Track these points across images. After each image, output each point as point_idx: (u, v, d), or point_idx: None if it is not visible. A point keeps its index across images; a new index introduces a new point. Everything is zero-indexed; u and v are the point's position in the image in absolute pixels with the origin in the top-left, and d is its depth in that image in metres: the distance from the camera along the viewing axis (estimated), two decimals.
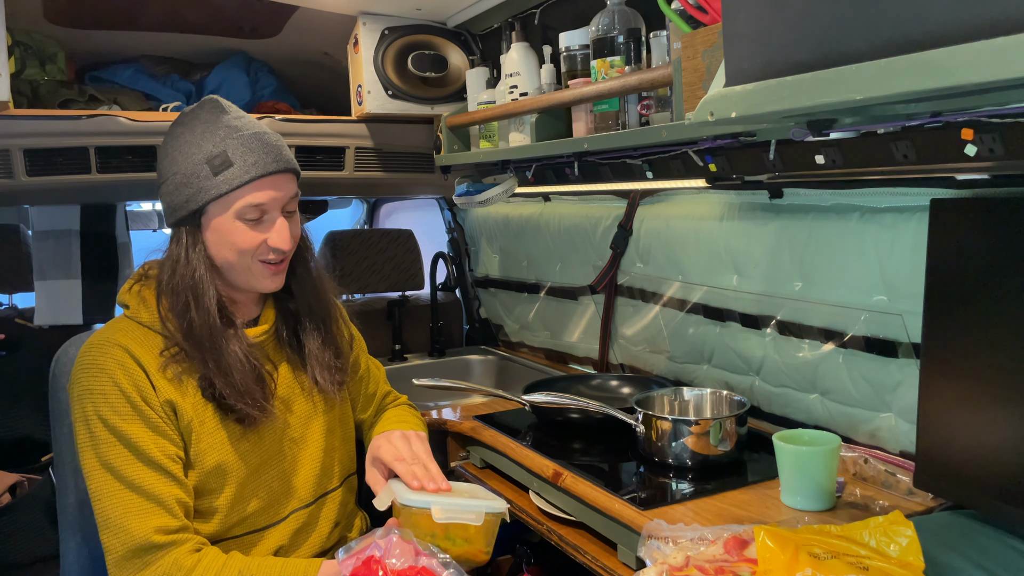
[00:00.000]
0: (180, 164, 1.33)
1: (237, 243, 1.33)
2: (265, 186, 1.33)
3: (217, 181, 1.31)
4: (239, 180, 1.31)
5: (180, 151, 1.34)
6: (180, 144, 1.35)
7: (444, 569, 1.14)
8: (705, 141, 1.42)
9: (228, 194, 1.31)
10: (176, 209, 1.34)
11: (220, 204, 1.32)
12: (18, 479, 2.36)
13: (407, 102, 2.22)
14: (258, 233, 1.34)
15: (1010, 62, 0.62)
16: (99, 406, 1.27)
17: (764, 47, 0.87)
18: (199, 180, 1.31)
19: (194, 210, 1.32)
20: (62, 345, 1.60)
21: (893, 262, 1.40)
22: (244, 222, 1.33)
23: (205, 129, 1.34)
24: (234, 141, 1.32)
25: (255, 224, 1.34)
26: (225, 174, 1.31)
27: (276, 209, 1.36)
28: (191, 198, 1.32)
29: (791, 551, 0.98)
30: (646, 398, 1.68)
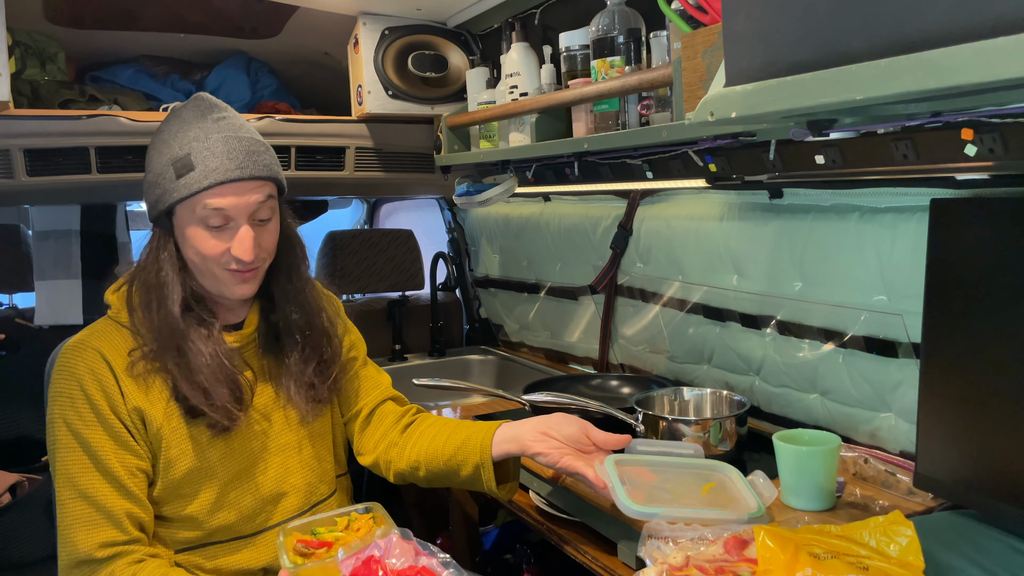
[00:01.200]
0: (153, 163, 1.33)
1: (200, 249, 1.30)
2: (227, 192, 1.28)
3: (179, 184, 1.28)
4: (197, 185, 1.27)
5: (156, 149, 1.34)
6: (157, 143, 1.34)
7: (444, 569, 1.14)
8: (705, 141, 1.42)
9: (189, 198, 1.28)
10: (150, 208, 1.34)
11: (185, 207, 1.29)
12: (18, 479, 2.36)
13: (407, 102, 2.22)
14: (221, 241, 1.30)
15: (1010, 62, 0.62)
16: (65, 410, 1.27)
17: (764, 47, 0.87)
18: (165, 181, 1.29)
19: (163, 210, 1.31)
20: (57, 346, 1.60)
21: (893, 262, 1.40)
22: (206, 228, 1.29)
23: (179, 129, 1.32)
24: (199, 144, 1.29)
25: (218, 231, 1.30)
26: (186, 178, 1.28)
27: (242, 216, 1.30)
28: (159, 199, 1.31)
29: (791, 551, 0.98)
30: (646, 398, 1.68)
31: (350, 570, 1.13)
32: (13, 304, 2.80)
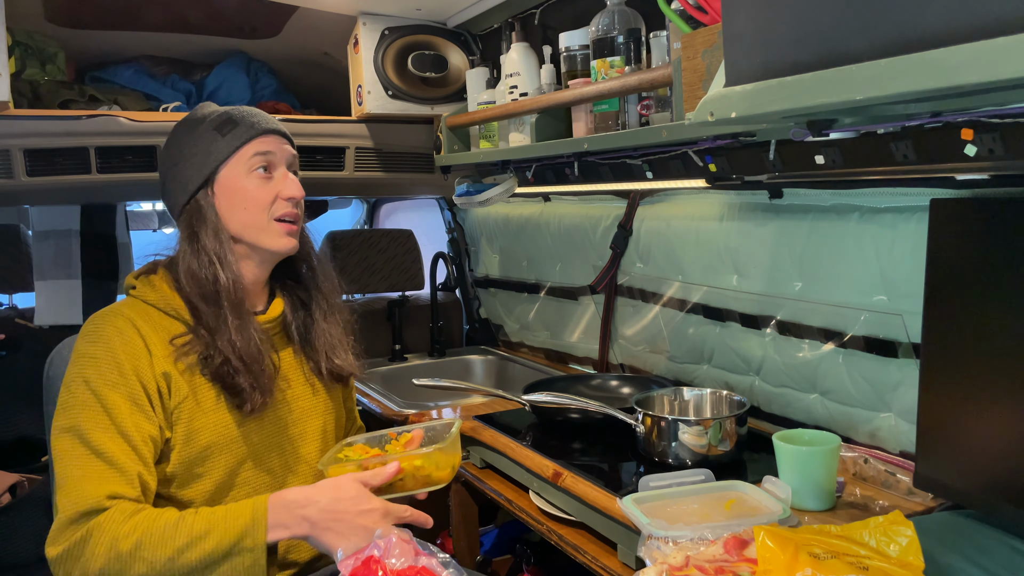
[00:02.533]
0: (186, 143, 1.42)
1: (252, 198, 1.40)
2: (268, 141, 1.42)
3: (227, 140, 1.40)
4: (246, 135, 1.40)
5: (186, 133, 1.43)
6: (183, 130, 1.44)
7: (444, 569, 1.14)
8: (705, 141, 1.42)
9: (238, 149, 1.39)
10: (188, 182, 1.40)
11: (231, 163, 1.39)
12: (18, 479, 2.36)
13: (407, 102, 2.22)
14: (269, 189, 1.41)
15: (1010, 62, 0.62)
16: (86, 368, 1.28)
17: (764, 47, 0.87)
18: (208, 145, 1.40)
19: (207, 176, 1.39)
20: (56, 346, 1.60)
21: (893, 262, 1.40)
22: (256, 176, 1.40)
23: (205, 114, 1.44)
24: (233, 110, 1.44)
25: (266, 179, 1.41)
26: (232, 133, 1.40)
27: (283, 164, 1.44)
28: (204, 164, 1.39)
29: (791, 551, 0.98)
30: (646, 398, 1.68)
31: (350, 570, 1.13)
32: (13, 304, 2.80)
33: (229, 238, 1.39)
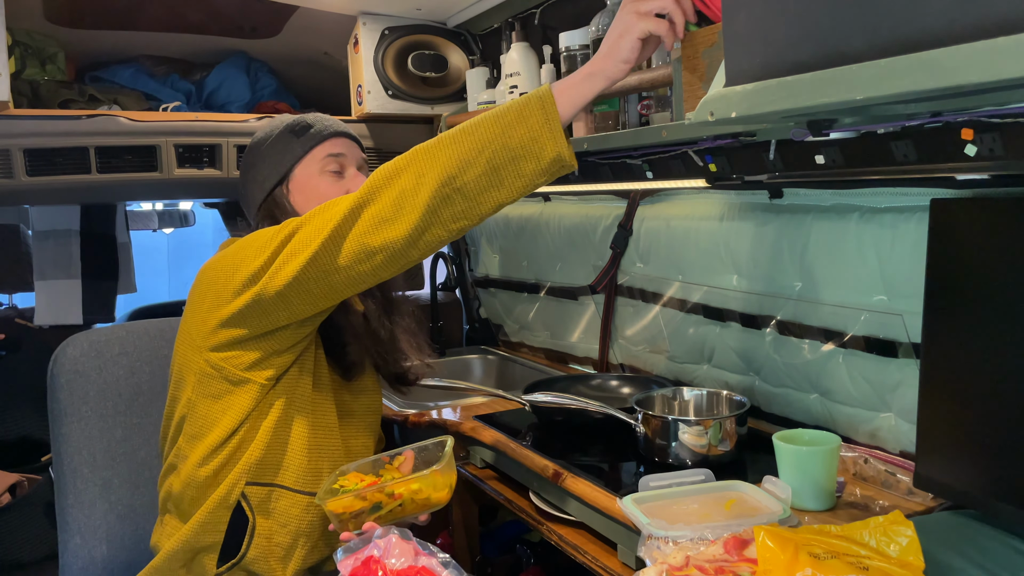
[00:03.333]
0: (263, 146, 1.54)
1: (324, 194, 1.51)
2: (339, 143, 1.55)
3: (301, 141, 1.52)
4: (319, 136, 1.54)
5: (263, 137, 1.56)
6: (261, 136, 1.57)
7: (444, 569, 1.14)
8: (705, 141, 1.41)
9: (311, 149, 1.52)
10: (264, 181, 1.52)
11: (305, 162, 1.52)
12: (18, 479, 2.36)
13: (407, 102, 2.22)
14: (340, 187, 1.52)
15: (1010, 62, 0.62)
16: None
17: (764, 47, 0.87)
18: (284, 146, 1.52)
19: (283, 174, 1.51)
20: (60, 345, 1.60)
21: (893, 262, 1.40)
22: (328, 175, 1.52)
23: (283, 119, 1.58)
24: (308, 115, 1.58)
25: (337, 177, 1.53)
26: (306, 134, 1.53)
27: (353, 164, 1.56)
28: (279, 163, 1.51)
29: (791, 551, 0.98)
30: (646, 398, 1.67)
31: (349, 570, 1.13)
32: (13, 304, 2.80)
33: None
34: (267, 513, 1.43)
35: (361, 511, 1.26)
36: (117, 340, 1.70)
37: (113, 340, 1.69)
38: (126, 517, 1.67)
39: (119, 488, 1.67)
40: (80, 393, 1.64)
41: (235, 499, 1.41)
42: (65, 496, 1.61)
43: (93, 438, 1.65)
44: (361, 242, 1.21)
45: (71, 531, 1.61)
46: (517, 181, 1.17)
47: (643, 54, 1.19)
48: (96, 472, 1.64)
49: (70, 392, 1.63)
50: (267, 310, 1.32)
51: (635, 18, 1.16)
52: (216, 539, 1.41)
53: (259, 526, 1.42)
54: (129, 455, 1.68)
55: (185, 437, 1.43)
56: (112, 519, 1.66)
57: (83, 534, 1.61)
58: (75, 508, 1.61)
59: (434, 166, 1.17)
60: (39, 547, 2.18)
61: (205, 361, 1.39)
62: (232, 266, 1.34)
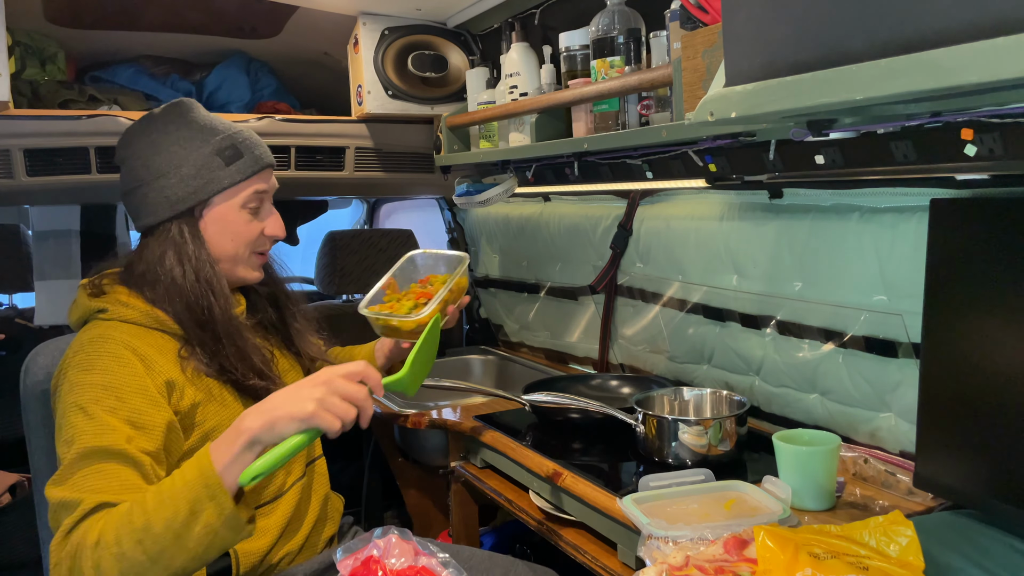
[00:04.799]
0: (184, 157, 1.38)
1: (240, 232, 1.42)
2: (266, 176, 1.45)
3: (230, 171, 1.40)
4: (250, 169, 1.41)
5: (181, 145, 1.39)
6: (177, 139, 1.39)
7: (444, 569, 1.14)
8: (705, 141, 1.42)
9: (238, 184, 1.40)
10: (177, 202, 1.38)
11: (228, 194, 1.40)
12: (18, 479, 2.36)
13: (407, 102, 2.22)
14: (256, 224, 1.44)
15: (1010, 62, 0.62)
16: (81, 396, 1.22)
17: (764, 47, 0.87)
18: (210, 171, 1.38)
19: (201, 200, 1.38)
20: (29, 354, 1.57)
21: (893, 262, 1.40)
22: (247, 211, 1.42)
23: (203, 125, 1.41)
24: (238, 136, 1.43)
25: (254, 215, 1.44)
26: (237, 164, 1.40)
27: (269, 200, 1.47)
28: (199, 189, 1.38)
29: (791, 551, 0.98)
30: (646, 398, 1.67)
31: (349, 571, 1.13)
32: (13, 304, 2.80)
33: (215, 260, 1.39)
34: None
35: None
36: None
37: None
38: None
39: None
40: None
41: None
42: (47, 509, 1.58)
43: None
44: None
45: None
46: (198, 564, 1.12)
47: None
48: None
49: (44, 402, 1.53)
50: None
51: (315, 405, 1.11)
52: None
53: (240, 549, 1.37)
54: None
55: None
56: None
57: None
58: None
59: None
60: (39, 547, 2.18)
61: None
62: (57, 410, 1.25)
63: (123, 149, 1.43)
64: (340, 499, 1.66)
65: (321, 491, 1.55)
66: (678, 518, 1.19)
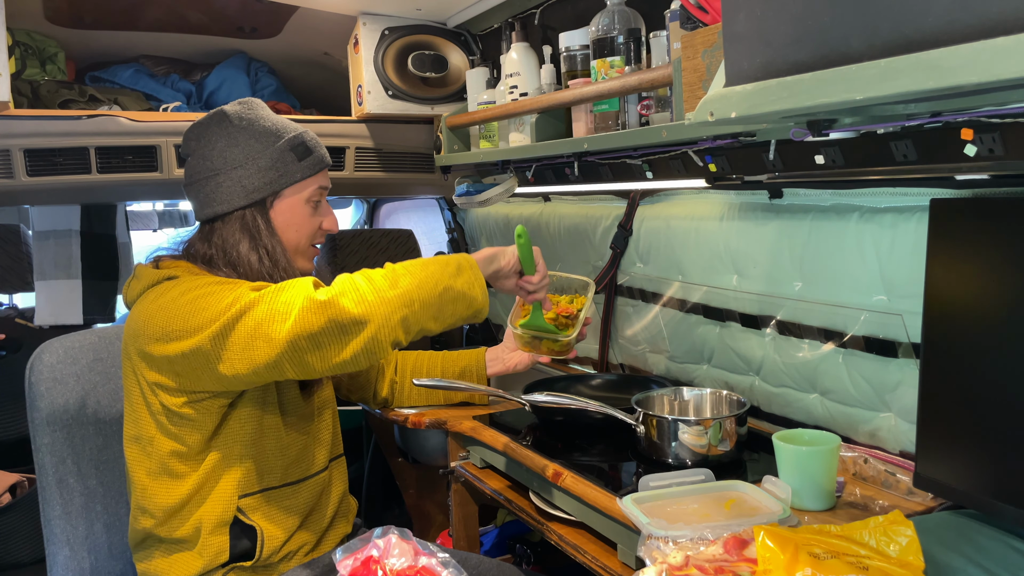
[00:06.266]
0: (261, 151, 1.47)
1: (302, 225, 1.51)
2: (326, 175, 1.56)
3: (301, 166, 1.49)
4: (320, 165, 1.53)
5: (257, 139, 1.47)
6: (254, 133, 1.47)
7: (444, 569, 1.14)
8: (705, 141, 1.42)
9: (307, 178, 1.51)
10: (253, 191, 1.46)
11: (297, 187, 1.50)
12: (18, 479, 2.36)
13: (407, 102, 2.22)
14: (317, 218, 1.54)
15: (1010, 62, 0.62)
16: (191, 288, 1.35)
17: (764, 47, 0.87)
18: (285, 164, 1.48)
19: (274, 191, 1.47)
20: (34, 352, 1.58)
21: (893, 262, 1.40)
22: (311, 206, 1.52)
23: (275, 122, 1.51)
24: (307, 135, 1.53)
25: (315, 209, 1.53)
26: (309, 159, 1.51)
27: (325, 197, 1.58)
28: (275, 180, 1.47)
29: (791, 551, 0.98)
30: (646, 398, 1.67)
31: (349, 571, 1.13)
32: (13, 304, 2.80)
33: (281, 249, 1.48)
34: (267, 515, 1.45)
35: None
36: (91, 346, 1.66)
37: (87, 346, 1.66)
38: (113, 527, 1.65)
39: (105, 497, 1.64)
40: (60, 401, 1.60)
41: (231, 516, 1.43)
42: (52, 507, 1.58)
43: (76, 446, 1.61)
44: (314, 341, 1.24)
45: (59, 543, 1.58)
46: (450, 319, 1.36)
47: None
48: (81, 481, 1.61)
49: (50, 401, 1.59)
50: (200, 376, 1.34)
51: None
52: (224, 558, 1.43)
53: (265, 529, 1.44)
54: (112, 462, 1.65)
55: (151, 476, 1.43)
56: (99, 529, 1.63)
57: (72, 545, 1.59)
58: (62, 519, 1.58)
59: (398, 298, 1.28)
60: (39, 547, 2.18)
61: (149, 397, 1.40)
62: (178, 316, 1.32)
63: (194, 141, 1.50)
64: (355, 501, 1.69)
65: (340, 487, 1.63)
66: (678, 518, 1.19)
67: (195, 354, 1.29)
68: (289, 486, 1.50)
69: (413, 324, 1.29)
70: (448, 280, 1.33)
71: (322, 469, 1.57)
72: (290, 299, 1.25)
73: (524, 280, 1.52)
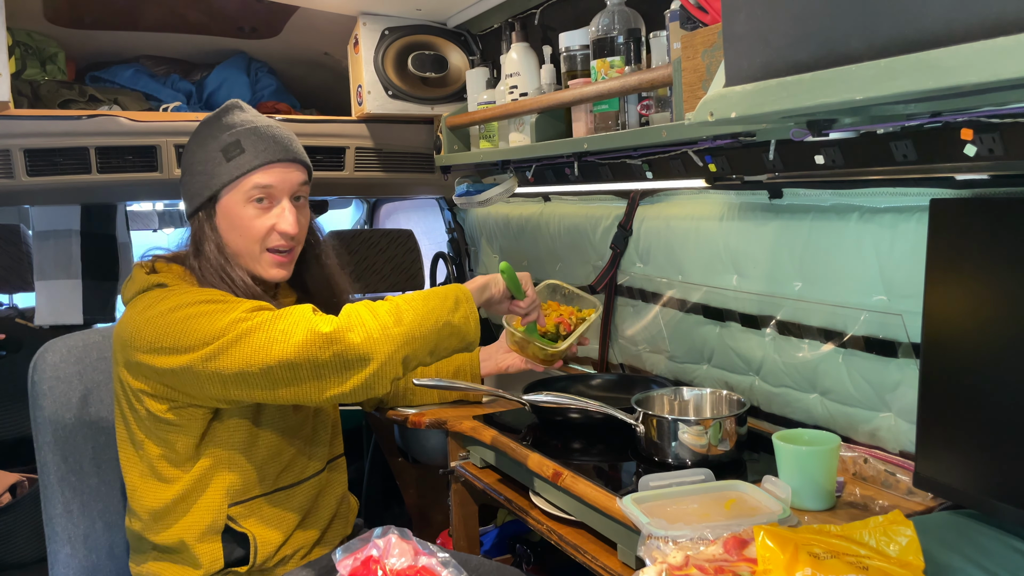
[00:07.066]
0: (198, 155, 1.46)
1: (248, 227, 1.44)
2: (274, 172, 1.45)
3: (229, 167, 1.43)
4: (249, 165, 1.43)
5: (199, 145, 1.47)
6: (200, 139, 1.48)
7: (444, 568, 1.14)
8: (705, 141, 1.41)
9: (239, 179, 1.43)
10: (194, 196, 1.46)
11: (231, 188, 1.44)
12: (18, 479, 2.36)
13: (407, 102, 2.22)
14: (265, 220, 1.45)
15: (1010, 62, 0.62)
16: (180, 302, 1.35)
17: (764, 47, 0.87)
18: (213, 167, 1.44)
19: (209, 196, 1.44)
20: (37, 352, 1.59)
21: (893, 262, 1.40)
22: (253, 206, 1.44)
23: (223, 125, 1.47)
24: (247, 131, 1.45)
25: (264, 209, 1.45)
26: (237, 160, 1.44)
27: (284, 195, 1.47)
28: (206, 184, 1.45)
29: (791, 551, 0.98)
30: (646, 398, 1.67)
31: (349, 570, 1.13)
32: (13, 304, 2.80)
33: (232, 254, 1.46)
34: (260, 521, 1.46)
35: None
36: (94, 345, 1.66)
37: (90, 345, 1.66)
38: (113, 525, 1.65)
39: (105, 496, 1.64)
40: (63, 400, 1.60)
41: (222, 524, 1.43)
42: (53, 506, 1.58)
43: (77, 445, 1.61)
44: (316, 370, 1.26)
45: (60, 541, 1.59)
46: (444, 353, 1.39)
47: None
48: (83, 480, 1.61)
49: (53, 399, 1.59)
50: (188, 391, 1.34)
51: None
52: (219, 566, 1.43)
53: (259, 535, 1.44)
54: (113, 461, 1.64)
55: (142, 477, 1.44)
56: (100, 528, 1.63)
57: (72, 544, 1.59)
58: (63, 517, 1.58)
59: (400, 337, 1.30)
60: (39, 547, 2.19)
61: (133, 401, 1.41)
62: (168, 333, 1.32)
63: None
64: (355, 501, 1.68)
65: (339, 489, 1.61)
66: (678, 518, 1.19)
67: (185, 372, 1.30)
68: (282, 491, 1.49)
69: (413, 360, 1.32)
70: (447, 316, 1.35)
71: (319, 471, 1.57)
72: (288, 328, 1.25)
73: (515, 304, 1.55)
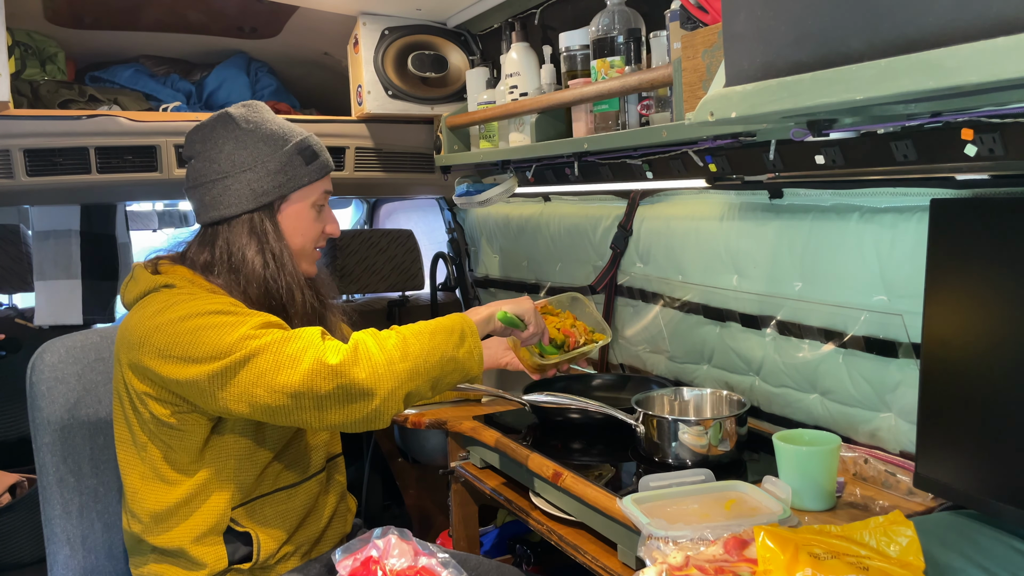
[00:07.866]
0: (269, 154, 1.46)
1: (308, 229, 1.50)
2: (330, 180, 1.56)
3: (309, 170, 1.49)
4: (326, 169, 1.52)
5: (264, 142, 1.46)
6: (262, 136, 1.46)
7: (444, 569, 1.14)
8: (705, 141, 1.42)
9: (314, 183, 1.50)
10: (262, 195, 1.45)
11: (304, 191, 1.49)
12: (18, 479, 2.36)
13: (407, 102, 2.22)
14: (320, 222, 1.53)
15: (1010, 62, 0.62)
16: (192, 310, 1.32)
17: (764, 47, 0.87)
18: (294, 168, 1.47)
19: (282, 195, 1.47)
20: (36, 352, 1.58)
21: (893, 262, 1.40)
22: (315, 210, 1.51)
23: (282, 125, 1.51)
24: (312, 138, 1.52)
25: (319, 213, 1.53)
26: (315, 164, 1.50)
27: (328, 201, 1.56)
28: (283, 184, 1.46)
29: (791, 551, 0.98)
30: (646, 398, 1.67)
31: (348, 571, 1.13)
32: (13, 304, 2.80)
33: (293, 254, 1.48)
34: (262, 521, 1.46)
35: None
36: (93, 346, 1.66)
37: (89, 346, 1.65)
38: (112, 526, 1.64)
39: (104, 496, 1.64)
40: (61, 400, 1.60)
41: (225, 526, 1.42)
42: (52, 507, 1.58)
43: (76, 446, 1.61)
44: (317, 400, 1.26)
45: (59, 542, 1.58)
46: (445, 387, 1.37)
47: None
48: (82, 481, 1.61)
49: (51, 400, 1.59)
50: (191, 398, 1.34)
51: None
52: (223, 564, 1.43)
53: (261, 534, 1.44)
54: (112, 462, 1.63)
55: (143, 479, 1.43)
56: (99, 528, 1.63)
57: (71, 544, 1.59)
58: (62, 518, 1.58)
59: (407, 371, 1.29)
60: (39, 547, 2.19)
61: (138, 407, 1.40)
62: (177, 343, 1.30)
63: (199, 143, 1.48)
64: (354, 501, 1.69)
65: (338, 488, 1.62)
66: (678, 518, 1.19)
67: (191, 384, 1.29)
68: (283, 490, 1.49)
69: (415, 396, 1.32)
70: (452, 351, 1.35)
71: (319, 471, 1.57)
72: (296, 352, 1.25)
73: (516, 333, 1.55)
